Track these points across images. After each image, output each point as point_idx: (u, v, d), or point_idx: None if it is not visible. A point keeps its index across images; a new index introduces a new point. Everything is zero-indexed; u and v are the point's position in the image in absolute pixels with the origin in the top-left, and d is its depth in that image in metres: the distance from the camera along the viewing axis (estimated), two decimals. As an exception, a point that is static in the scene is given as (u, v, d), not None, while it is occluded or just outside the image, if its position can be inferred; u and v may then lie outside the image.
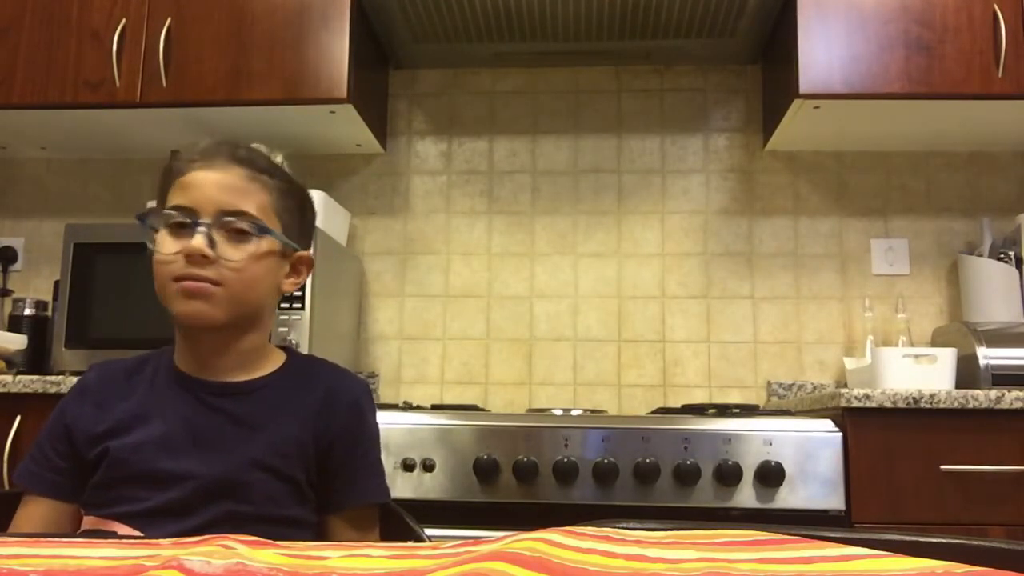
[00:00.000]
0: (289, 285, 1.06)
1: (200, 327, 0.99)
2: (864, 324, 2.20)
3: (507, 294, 2.35)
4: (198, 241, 0.95)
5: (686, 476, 1.56)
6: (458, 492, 1.60)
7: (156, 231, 1.00)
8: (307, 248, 1.10)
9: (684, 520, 0.65)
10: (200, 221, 0.97)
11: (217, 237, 0.97)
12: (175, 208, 0.99)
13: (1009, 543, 0.58)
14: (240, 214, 0.98)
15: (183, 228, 0.98)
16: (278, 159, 1.11)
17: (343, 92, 2.04)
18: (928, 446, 1.57)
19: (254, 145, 1.06)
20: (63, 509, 1.01)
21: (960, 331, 1.94)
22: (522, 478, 1.58)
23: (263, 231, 1.00)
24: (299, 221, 1.07)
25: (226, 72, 2.06)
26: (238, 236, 0.98)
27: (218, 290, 0.97)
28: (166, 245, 0.98)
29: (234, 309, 0.99)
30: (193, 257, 0.95)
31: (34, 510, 1.01)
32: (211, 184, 0.99)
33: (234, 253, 0.97)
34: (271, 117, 2.14)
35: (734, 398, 2.23)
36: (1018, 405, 1.56)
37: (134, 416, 1.00)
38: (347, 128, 2.22)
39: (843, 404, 1.58)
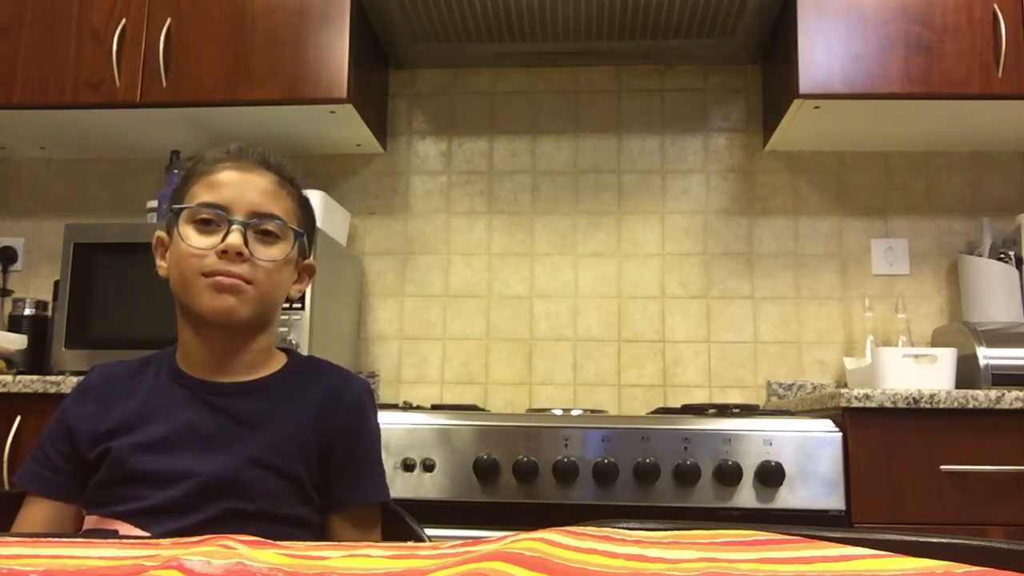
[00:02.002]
0: (295, 291, 1.08)
1: (226, 323, 1.00)
2: (864, 324, 2.20)
3: (507, 294, 2.35)
4: (236, 238, 0.97)
5: (686, 476, 1.56)
6: (458, 492, 1.59)
7: (172, 226, 1.02)
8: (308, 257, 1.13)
9: (684, 520, 0.65)
10: (235, 219, 0.99)
11: (249, 236, 0.99)
12: (206, 205, 1.00)
13: (1009, 543, 0.58)
14: (273, 217, 1.01)
15: (211, 224, 0.99)
16: None
17: (343, 92, 2.04)
18: (928, 446, 1.57)
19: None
20: (65, 509, 1.01)
21: (960, 331, 1.94)
22: (522, 478, 1.58)
23: (297, 235, 1.03)
24: (310, 231, 1.10)
25: (226, 72, 2.06)
26: (266, 238, 1.01)
27: (249, 288, 0.99)
28: (196, 239, 0.99)
29: (259, 308, 1.01)
30: (229, 254, 0.97)
31: (36, 511, 1.01)
32: (244, 185, 1.01)
33: (267, 253, 1.00)
34: (271, 117, 2.14)
35: (734, 398, 2.23)
36: (1018, 405, 1.56)
37: (135, 416, 1.00)
38: (347, 128, 2.22)
39: (843, 404, 1.58)
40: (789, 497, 1.56)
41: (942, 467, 1.56)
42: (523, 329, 2.33)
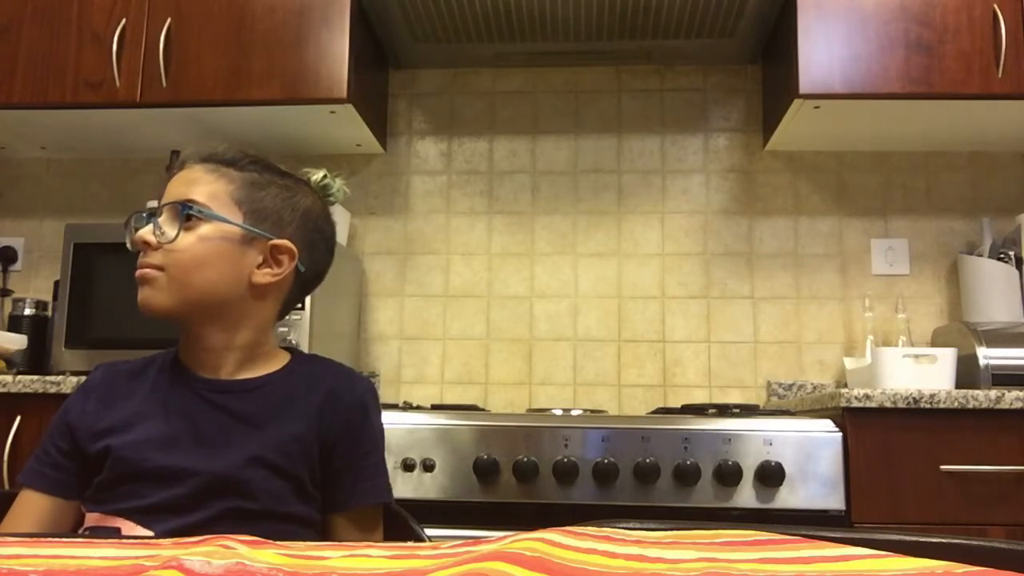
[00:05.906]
0: (263, 276, 1.01)
1: (150, 315, 1.00)
2: (864, 324, 2.20)
3: (507, 294, 2.35)
4: (143, 230, 0.99)
5: (686, 476, 1.56)
6: (458, 492, 1.60)
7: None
8: (304, 242, 1.05)
9: (684, 520, 0.65)
10: (144, 212, 1.02)
11: (167, 226, 0.99)
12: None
13: (1009, 543, 0.58)
14: (185, 203, 0.99)
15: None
16: (318, 175, 1.11)
17: (343, 92, 2.04)
18: (928, 446, 1.57)
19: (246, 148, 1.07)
20: (62, 506, 1.00)
21: (960, 331, 1.94)
22: (522, 478, 1.58)
23: (201, 214, 0.98)
24: (277, 212, 1.03)
25: (226, 72, 2.06)
26: (187, 224, 0.99)
27: (160, 275, 0.98)
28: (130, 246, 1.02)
29: (179, 294, 0.99)
30: (144, 247, 0.99)
31: (31, 506, 1.00)
32: (172, 183, 1.03)
33: (181, 237, 0.98)
34: (271, 117, 2.14)
35: (734, 398, 2.23)
36: (1018, 405, 1.56)
37: (136, 414, 1.00)
38: (347, 128, 2.22)
39: (843, 404, 1.58)
40: (789, 497, 1.56)
41: (942, 467, 1.56)
42: (523, 329, 2.33)
